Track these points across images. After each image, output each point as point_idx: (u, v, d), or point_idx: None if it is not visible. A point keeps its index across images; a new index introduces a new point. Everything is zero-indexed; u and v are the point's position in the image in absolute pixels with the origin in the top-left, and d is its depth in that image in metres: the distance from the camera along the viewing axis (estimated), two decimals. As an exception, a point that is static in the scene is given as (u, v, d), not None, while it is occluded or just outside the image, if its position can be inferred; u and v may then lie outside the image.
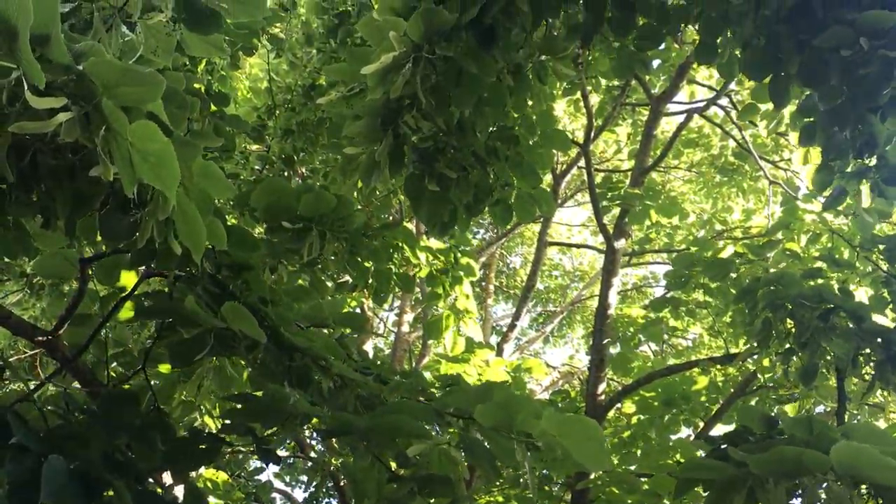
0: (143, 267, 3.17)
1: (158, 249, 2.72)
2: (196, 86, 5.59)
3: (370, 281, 5.51)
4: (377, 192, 7.39)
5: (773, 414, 3.40)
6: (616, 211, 9.73)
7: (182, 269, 3.05)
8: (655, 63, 8.38)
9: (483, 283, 16.81)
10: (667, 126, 12.72)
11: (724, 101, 10.56)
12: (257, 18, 3.09)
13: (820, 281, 5.45)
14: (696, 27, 4.16)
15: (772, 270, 5.97)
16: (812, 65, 3.61)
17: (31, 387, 2.98)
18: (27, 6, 1.73)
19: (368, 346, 12.13)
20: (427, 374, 9.37)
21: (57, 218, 2.35)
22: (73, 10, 2.56)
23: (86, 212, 2.36)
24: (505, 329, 12.91)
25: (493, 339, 15.93)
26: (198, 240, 2.23)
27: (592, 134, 9.93)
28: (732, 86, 9.92)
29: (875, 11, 3.39)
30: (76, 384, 3.34)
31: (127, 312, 3.29)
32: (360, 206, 7.43)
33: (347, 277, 5.40)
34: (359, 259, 4.77)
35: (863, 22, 3.40)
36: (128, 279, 3.42)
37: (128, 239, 2.44)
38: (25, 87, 1.79)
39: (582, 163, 10.43)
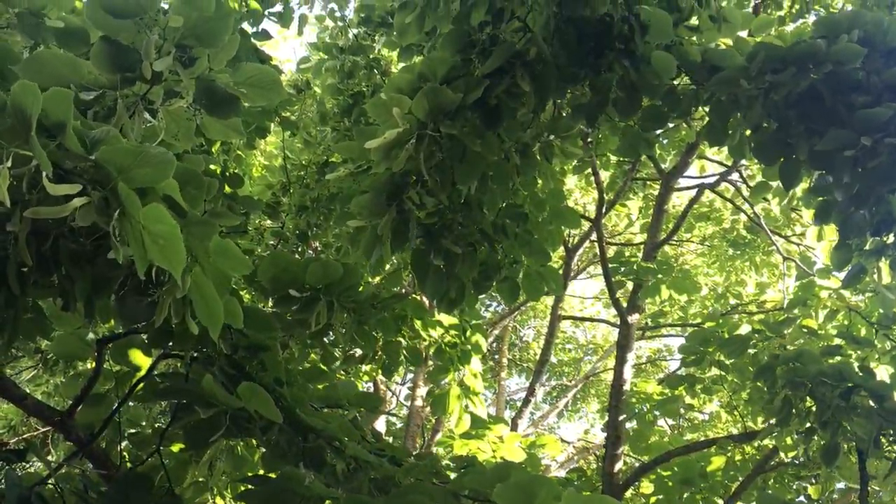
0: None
1: (175, 330, 2.72)
2: (212, 167, 5.67)
3: (379, 353, 5.46)
4: (386, 266, 7.38)
5: (793, 493, 3.31)
6: (629, 284, 9.69)
7: (198, 350, 3.05)
8: (665, 140, 8.44)
9: (496, 357, 16.68)
10: (678, 200, 12.78)
11: (734, 176, 10.61)
12: (274, 103, 3.15)
13: (839, 359, 5.38)
14: (706, 109, 4.18)
15: (789, 347, 5.90)
16: (822, 153, 3.59)
17: (51, 468, 2.96)
18: (36, 93, 1.79)
19: (381, 421, 11.97)
20: (440, 451, 9.22)
21: (76, 300, 2.36)
22: (97, 98, 2.62)
23: (105, 294, 2.38)
24: (519, 403, 12.74)
25: (508, 413, 15.73)
26: (215, 318, 2.24)
27: (604, 208, 9.98)
28: (742, 161, 9.96)
29: (868, 111, 3.38)
30: (89, 464, 3.31)
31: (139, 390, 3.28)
32: (369, 280, 7.43)
33: (357, 350, 5.36)
34: (366, 328, 4.73)
35: (859, 121, 3.39)
36: (142, 359, 3.42)
37: (145, 321, 2.45)
38: (44, 175, 1.83)
39: (594, 236, 10.46)
